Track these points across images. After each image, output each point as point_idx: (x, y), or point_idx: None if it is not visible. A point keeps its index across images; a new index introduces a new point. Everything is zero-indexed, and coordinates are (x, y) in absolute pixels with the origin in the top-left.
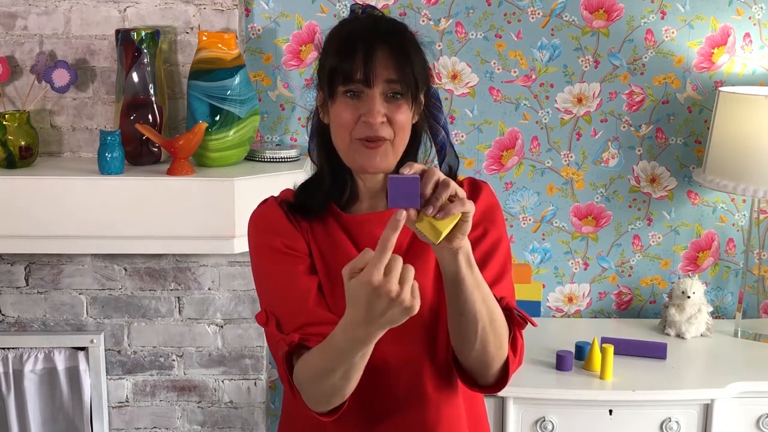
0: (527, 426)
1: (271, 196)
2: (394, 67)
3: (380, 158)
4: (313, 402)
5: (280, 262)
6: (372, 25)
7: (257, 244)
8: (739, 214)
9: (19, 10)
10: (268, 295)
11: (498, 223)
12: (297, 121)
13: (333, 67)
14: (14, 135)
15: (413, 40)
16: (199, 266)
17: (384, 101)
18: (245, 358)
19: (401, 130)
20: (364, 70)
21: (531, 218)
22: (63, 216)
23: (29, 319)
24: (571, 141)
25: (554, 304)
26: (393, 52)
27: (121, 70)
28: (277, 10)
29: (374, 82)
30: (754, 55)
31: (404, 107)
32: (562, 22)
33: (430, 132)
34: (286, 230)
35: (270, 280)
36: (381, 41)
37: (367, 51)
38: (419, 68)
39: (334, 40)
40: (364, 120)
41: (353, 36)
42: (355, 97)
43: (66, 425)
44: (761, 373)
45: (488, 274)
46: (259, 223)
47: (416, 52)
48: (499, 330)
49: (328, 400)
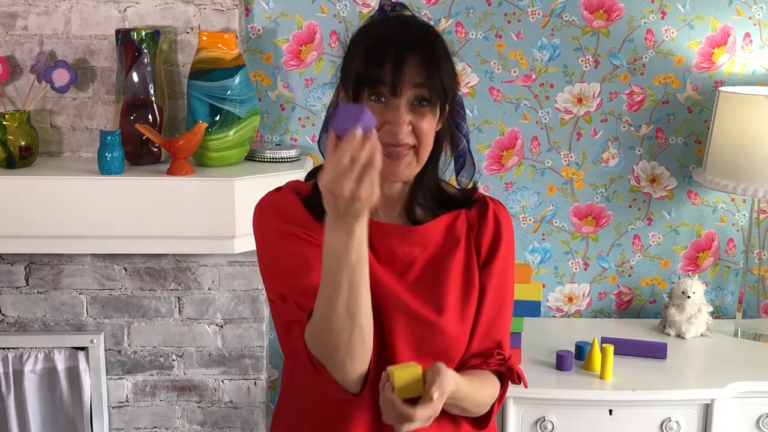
0: (527, 426)
1: (284, 185)
2: (423, 75)
3: (403, 167)
4: (335, 361)
5: (301, 246)
6: (403, 30)
7: (274, 228)
8: (739, 214)
9: (19, 10)
10: (287, 277)
11: (509, 256)
12: (297, 121)
13: (361, 72)
14: (14, 135)
15: (443, 46)
16: (199, 266)
17: (410, 109)
18: (245, 358)
19: (425, 138)
20: (393, 80)
21: (531, 218)
22: (63, 216)
23: (29, 319)
24: (571, 141)
25: (554, 304)
26: (423, 60)
27: (121, 70)
28: (277, 10)
29: (402, 91)
30: (754, 55)
31: (429, 116)
32: (562, 22)
33: (451, 140)
34: (307, 220)
35: (290, 262)
36: (412, 49)
37: (397, 59)
38: (447, 76)
39: (362, 41)
40: (388, 128)
41: (383, 41)
42: (381, 101)
43: (66, 425)
44: (761, 373)
45: (499, 322)
46: (276, 209)
47: (446, 60)
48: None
49: (349, 344)
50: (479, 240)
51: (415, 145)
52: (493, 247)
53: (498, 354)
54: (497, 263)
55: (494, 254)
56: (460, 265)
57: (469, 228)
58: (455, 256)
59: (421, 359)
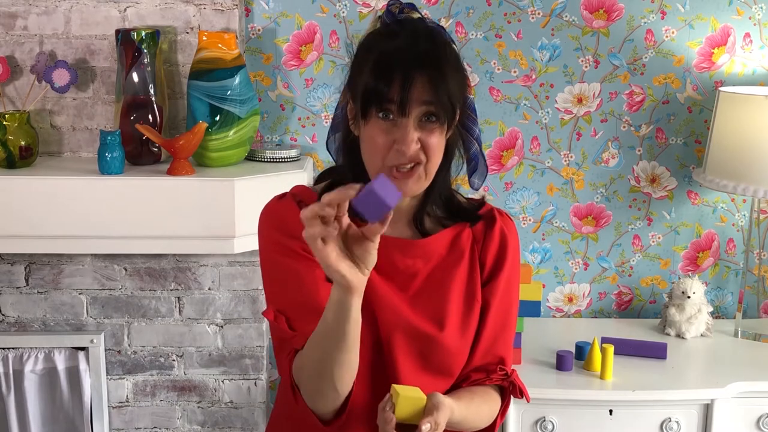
0: (527, 426)
1: (287, 192)
2: (431, 92)
3: (412, 183)
4: (312, 397)
5: (297, 264)
6: (411, 44)
7: (273, 241)
8: (739, 214)
9: (19, 10)
10: (282, 293)
11: (514, 271)
12: (297, 121)
13: (368, 89)
14: (14, 135)
15: (453, 55)
16: (199, 266)
17: (418, 125)
18: (245, 358)
19: (434, 154)
20: (400, 99)
21: (531, 218)
22: (63, 216)
23: (29, 319)
24: (571, 141)
25: (554, 304)
26: (431, 78)
27: (121, 70)
28: (277, 10)
29: (410, 110)
30: (754, 55)
31: (438, 131)
32: (562, 22)
33: (463, 145)
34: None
35: (285, 280)
36: (419, 67)
37: (405, 78)
38: (455, 90)
39: (370, 56)
40: (397, 148)
41: (391, 58)
42: (389, 119)
43: (66, 425)
44: (761, 373)
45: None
46: (276, 219)
47: (455, 71)
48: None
49: (326, 392)
50: (484, 254)
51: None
52: (497, 263)
53: (500, 369)
54: (501, 279)
55: (499, 270)
56: (462, 279)
57: (474, 242)
58: (458, 269)
59: (421, 373)
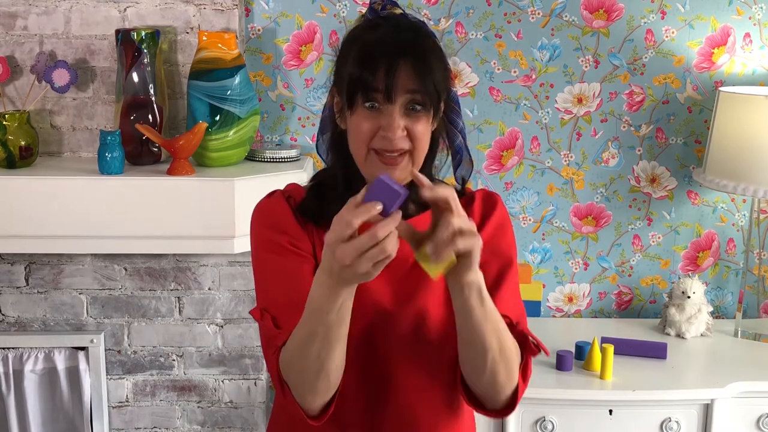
0: (527, 426)
1: (277, 190)
2: (416, 80)
3: (399, 171)
4: (300, 391)
5: (284, 259)
6: (394, 34)
7: (263, 238)
8: (739, 214)
9: (19, 10)
10: (269, 290)
11: (509, 242)
12: (297, 121)
13: (353, 79)
14: (14, 135)
15: (436, 47)
16: (199, 266)
17: (404, 113)
18: (245, 358)
19: (420, 141)
20: (386, 86)
21: (531, 218)
22: (63, 216)
23: (29, 319)
24: (571, 141)
25: (554, 304)
26: (415, 65)
27: (121, 70)
28: (277, 10)
29: (395, 98)
30: (754, 55)
31: (424, 119)
32: (562, 22)
33: (447, 137)
34: (292, 228)
35: (272, 276)
36: (403, 55)
37: (389, 66)
38: (440, 78)
39: (354, 47)
40: (383, 134)
41: (375, 47)
42: (375, 108)
43: (66, 425)
44: (761, 373)
45: (498, 297)
46: (265, 216)
47: (438, 61)
48: (509, 360)
49: (314, 383)
50: None
51: (410, 149)
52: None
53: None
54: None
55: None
56: None
57: None
58: None
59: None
